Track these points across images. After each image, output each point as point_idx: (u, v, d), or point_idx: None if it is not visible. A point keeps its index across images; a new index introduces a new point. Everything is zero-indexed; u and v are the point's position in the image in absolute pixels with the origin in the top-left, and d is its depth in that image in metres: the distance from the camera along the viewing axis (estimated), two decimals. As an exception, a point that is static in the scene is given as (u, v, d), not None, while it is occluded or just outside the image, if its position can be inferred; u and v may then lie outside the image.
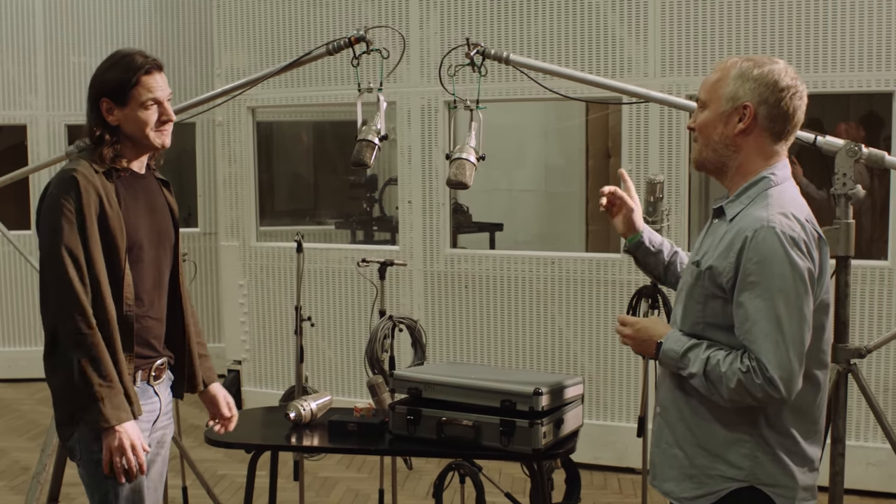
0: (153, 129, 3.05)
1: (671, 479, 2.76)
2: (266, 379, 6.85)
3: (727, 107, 2.65)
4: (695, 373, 2.60)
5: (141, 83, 3.03)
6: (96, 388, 2.84)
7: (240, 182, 6.83)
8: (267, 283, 6.76)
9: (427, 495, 5.45)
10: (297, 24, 6.50)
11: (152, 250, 3.12)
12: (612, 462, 5.92)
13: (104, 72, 3.06)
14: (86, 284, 2.88)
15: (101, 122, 3.03)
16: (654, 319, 2.81)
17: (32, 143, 8.04)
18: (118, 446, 2.89)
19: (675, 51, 5.60)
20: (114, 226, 2.96)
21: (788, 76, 2.65)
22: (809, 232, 2.57)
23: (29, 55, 8.06)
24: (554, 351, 6.00)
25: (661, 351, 2.70)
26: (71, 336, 2.86)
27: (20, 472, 6.07)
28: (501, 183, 8.21)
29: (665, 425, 2.80)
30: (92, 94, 3.06)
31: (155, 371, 3.15)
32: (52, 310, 2.92)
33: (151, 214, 3.15)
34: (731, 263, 2.56)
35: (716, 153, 2.69)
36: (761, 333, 2.50)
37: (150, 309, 3.13)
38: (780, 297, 2.50)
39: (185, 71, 8.02)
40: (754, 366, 2.50)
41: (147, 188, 3.18)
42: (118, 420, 2.87)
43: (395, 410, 3.63)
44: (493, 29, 5.95)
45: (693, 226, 5.83)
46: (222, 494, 5.54)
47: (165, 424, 3.25)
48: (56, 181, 2.96)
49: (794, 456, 2.64)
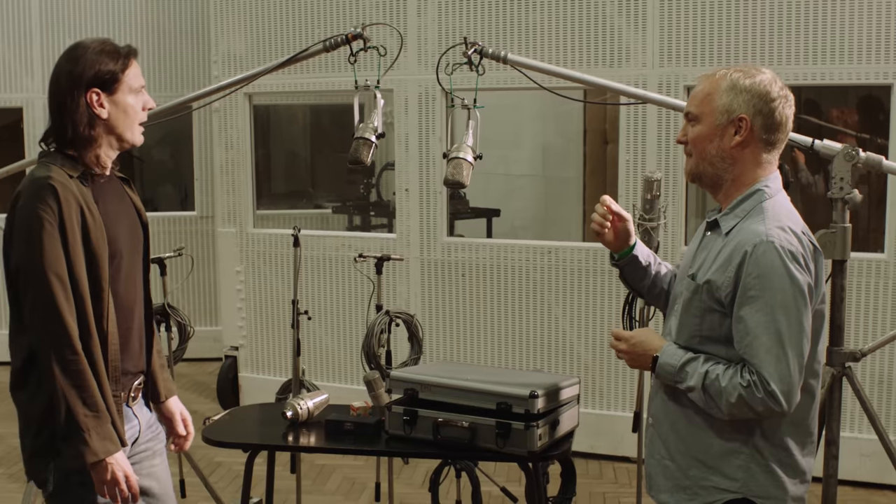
0: (137, 122, 2.88)
1: (665, 490, 2.78)
2: (263, 365, 6.86)
3: (722, 120, 2.65)
4: (693, 386, 2.62)
5: (132, 66, 2.87)
6: (81, 419, 2.66)
7: (237, 168, 6.81)
8: (264, 269, 6.76)
9: (423, 484, 5.47)
10: (294, 9, 6.47)
11: (130, 256, 2.94)
12: (608, 451, 5.94)
13: (84, 62, 2.80)
14: (71, 306, 2.68)
15: (89, 117, 2.80)
16: (648, 331, 2.81)
17: (28, 125, 8.01)
18: (111, 479, 2.73)
19: (673, 41, 5.58)
20: (96, 237, 2.75)
21: (778, 85, 2.66)
22: (806, 245, 2.58)
23: (25, 37, 8.01)
24: (550, 340, 6.01)
25: (657, 364, 2.71)
26: (56, 363, 2.66)
27: (18, 458, 6.05)
28: (499, 167, 8.20)
29: (657, 437, 2.81)
30: (71, 89, 2.79)
31: (133, 392, 2.96)
32: (33, 333, 2.71)
33: (125, 217, 2.96)
34: (729, 278, 2.57)
35: (713, 167, 2.69)
36: (762, 348, 2.52)
37: (132, 321, 2.94)
38: (781, 312, 2.51)
39: (181, 56, 7.98)
40: (755, 380, 2.51)
41: (115, 190, 2.96)
42: (106, 452, 2.70)
43: (392, 411, 3.64)
44: (490, 17, 5.93)
45: (689, 223, 5.83)
46: (219, 483, 5.56)
47: (150, 438, 3.07)
48: (30, 190, 2.72)
49: (786, 468, 2.66)
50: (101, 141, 2.85)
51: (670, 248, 5.58)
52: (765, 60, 5.37)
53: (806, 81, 5.35)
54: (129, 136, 2.89)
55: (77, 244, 2.72)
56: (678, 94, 5.51)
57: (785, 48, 5.37)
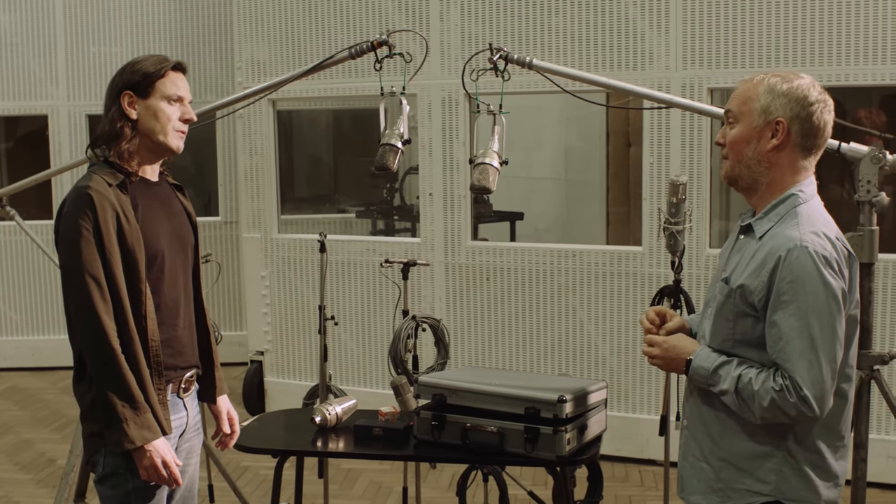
0: (172, 128, 3.04)
1: (698, 491, 2.79)
2: (289, 370, 6.89)
3: (759, 122, 2.65)
4: (726, 390, 2.63)
5: (167, 76, 3.05)
6: (119, 410, 2.86)
7: (261, 174, 6.84)
8: (289, 274, 6.79)
9: (449, 488, 5.49)
10: (317, 15, 6.50)
11: (174, 257, 3.11)
12: (634, 454, 5.95)
13: (129, 68, 3.05)
14: (108, 306, 2.88)
15: (122, 115, 3.01)
16: (681, 336, 2.82)
17: (54, 133, 8.07)
18: (150, 465, 2.91)
19: (696, 43, 5.57)
20: (131, 240, 2.94)
21: (816, 90, 2.65)
22: (840, 250, 2.58)
23: (50, 46, 8.08)
24: (575, 344, 6.02)
25: (691, 368, 2.72)
26: (95, 358, 2.88)
27: (46, 464, 6.13)
28: (521, 170, 8.20)
29: (692, 439, 2.82)
30: (113, 91, 3.04)
31: (185, 383, 3.15)
32: (77, 334, 2.93)
33: (170, 220, 3.14)
34: (763, 282, 2.57)
35: (749, 170, 2.69)
36: (795, 352, 2.52)
37: (177, 318, 3.12)
38: (814, 317, 2.52)
39: (205, 62, 8.04)
40: (788, 384, 2.52)
41: (162, 194, 3.16)
42: (143, 440, 2.88)
43: (420, 416, 3.65)
44: (513, 21, 5.94)
45: (714, 225, 5.82)
46: (246, 487, 5.60)
47: (193, 436, 3.24)
48: (71, 199, 2.93)
49: (819, 471, 2.66)
50: (135, 144, 3.03)
51: (695, 251, 5.57)
52: (789, 62, 5.36)
53: (832, 83, 5.33)
54: (162, 139, 3.06)
55: (113, 247, 2.90)
56: (701, 97, 5.51)
57: (809, 49, 5.36)
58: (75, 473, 4.34)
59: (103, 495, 3.04)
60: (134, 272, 2.95)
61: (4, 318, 8.33)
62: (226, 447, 3.48)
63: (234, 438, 3.46)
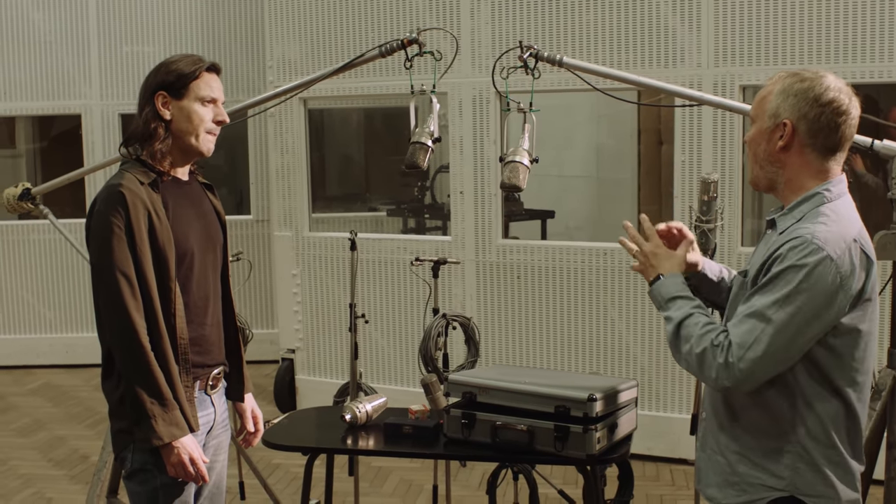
0: (204, 130, 3.06)
1: (714, 484, 2.77)
2: (320, 368, 6.91)
3: (769, 123, 2.63)
4: (671, 317, 2.65)
5: (202, 78, 3.06)
6: (148, 407, 2.86)
7: (292, 172, 6.87)
8: (320, 272, 6.81)
9: (479, 486, 5.49)
10: (347, 14, 6.51)
11: (203, 255, 3.13)
12: (665, 453, 5.92)
13: (164, 68, 3.06)
14: (138, 303, 2.89)
15: (155, 115, 3.02)
16: (675, 254, 2.81)
17: (87, 132, 8.13)
18: (178, 462, 2.92)
19: (728, 41, 5.54)
20: (162, 239, 2.95)
21: (833, 90, 2.58)
22: (854, 253, 2.53)
23: (83, 45, 8.15)
24: (606, 342, 6.00)
25: (656, 283, 2.75)
26: (124, 355, 2.89)
27: (79, 460, 6.18)
28: (552, 169, 8.19)
29: (709, 431, 2.81)
30: (147, 91, 3.05)
31: (212, 380, 3.16)
32: (106, 331, 2.93)
33: (200, 219, 3.15)
34: (760, 262, 2.58)
35: (763, 170, 2.68)
36: (750, 325, 2.51)
37: (205, 316, 3.14)
38: (791, 308, 2.48)
39: (236, 61, 8.08)
40: (725, 345, 2.51)
41: (192, 193, 3.17)
42: (171, 437, 2.89)
43: (450, 414, 3.65)
44: (542, 18, 5.93)
45: (745, 224, 5.78)
46: (277, 485, 5.61)
47: (221, 432, 3.26)
48: (103, 197, 2.95)
49: (835, 467, 2.62)
50: (168, 145, 3.04)
51: (727, 249, 5.54)
52: (821, 59, 5.32)
53: (864, 80, 5.29)
54: (194, 142, 3.07)
55: (144, 245, 2.92)
56: (733, 95, 5.48)
57: (842, 46, 5.32)
58: (107, 470, 4.36)
59: (132, 491, 3.06)
60: (164, 270, 2.96)
61: (38, 315, 8.40)
62: (249, 445, 3.50)
63: (258, 437, 3.48)
